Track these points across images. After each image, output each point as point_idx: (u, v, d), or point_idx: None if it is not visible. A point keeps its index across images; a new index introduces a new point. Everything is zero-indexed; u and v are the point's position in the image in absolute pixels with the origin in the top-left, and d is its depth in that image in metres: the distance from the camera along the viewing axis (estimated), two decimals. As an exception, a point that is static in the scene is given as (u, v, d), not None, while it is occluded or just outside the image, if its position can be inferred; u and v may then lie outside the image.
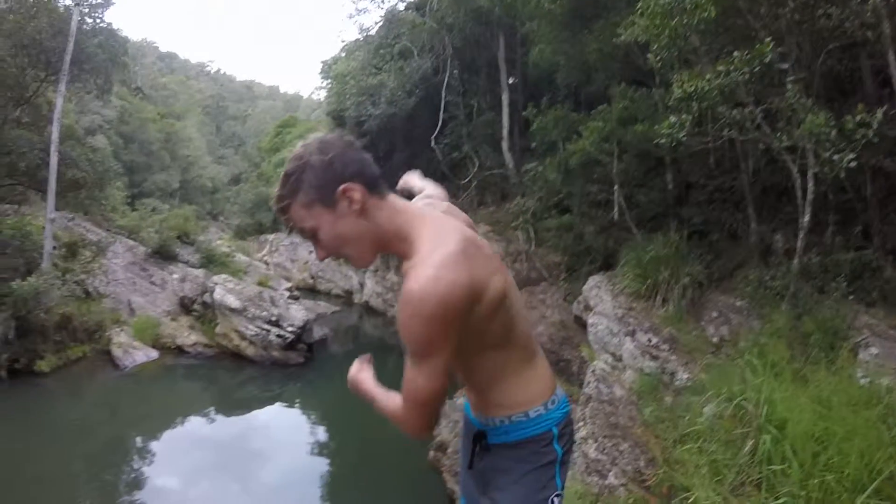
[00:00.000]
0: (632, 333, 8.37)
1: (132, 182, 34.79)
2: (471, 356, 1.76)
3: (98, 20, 19.43)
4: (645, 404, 6.89)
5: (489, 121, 18.76)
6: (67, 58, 17.56)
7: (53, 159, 17.48)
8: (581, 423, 6.56)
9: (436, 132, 19.31)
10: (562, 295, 12.18)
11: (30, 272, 15.97)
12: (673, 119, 7.63)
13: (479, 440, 1.91)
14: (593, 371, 7.70)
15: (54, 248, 18.38)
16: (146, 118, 40.42)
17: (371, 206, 1.63)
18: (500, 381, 1.81)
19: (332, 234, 1.65)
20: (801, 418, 4.78)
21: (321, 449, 12.00)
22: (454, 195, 18.03)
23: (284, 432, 12.91)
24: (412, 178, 2.42)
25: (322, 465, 11.34)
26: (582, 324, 10.13)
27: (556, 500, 1.81)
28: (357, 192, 1.60)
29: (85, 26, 18.66)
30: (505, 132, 17.61)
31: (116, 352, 16.22)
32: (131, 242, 22.86)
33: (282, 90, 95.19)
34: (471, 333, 1.63)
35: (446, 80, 19.37)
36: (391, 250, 1.69)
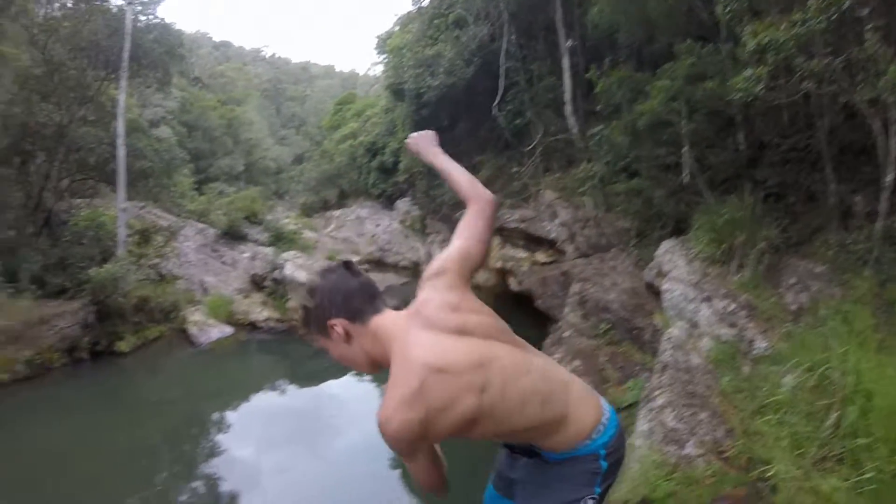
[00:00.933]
0: (708, 300, 8.18)
1: (198, 168, 35.78)
2: (496, 435, 2.10)
3: (151, 16, 20.13)
4: (722, 373, 6.74)
5: (550, 85, 18.40)
6: (125, 55, 18.37)
7: (121, 152, 18.45)
8: (658, 392, 6.50)
9: (497, 100, 19.08)
10: (633, 261, 11.97)
11: (106, 260, 17.05)
12: (748, 72, 7.34)
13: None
14: (669, 338, 7.59)
15: (128, 235, 19.33)
16: (207, 106, 41.33)
17: (355, 335, 2.04)
18: (539, 440, 2.08)
19: (335, 355, 2.13)
20: (888, 391, 4.61)
21: None
22: (519, 162, 17.91)
23: (356, 403, 13.13)
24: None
25: None
26: (654, 290, 9.95)
27: (590, 501, 2.03)
28: (339, 326, 2.02)
29: (139, 24, 19.37)
30: (567, 96, 17.27)
31: (192, 330, 17.30)
32: (201, 225, 23.71)
33: (337, 69, 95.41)
34: (460, 431, 1.94)
35: (504, 46, 19.07)
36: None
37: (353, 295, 2.06)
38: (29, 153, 18.14)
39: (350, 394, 13.78)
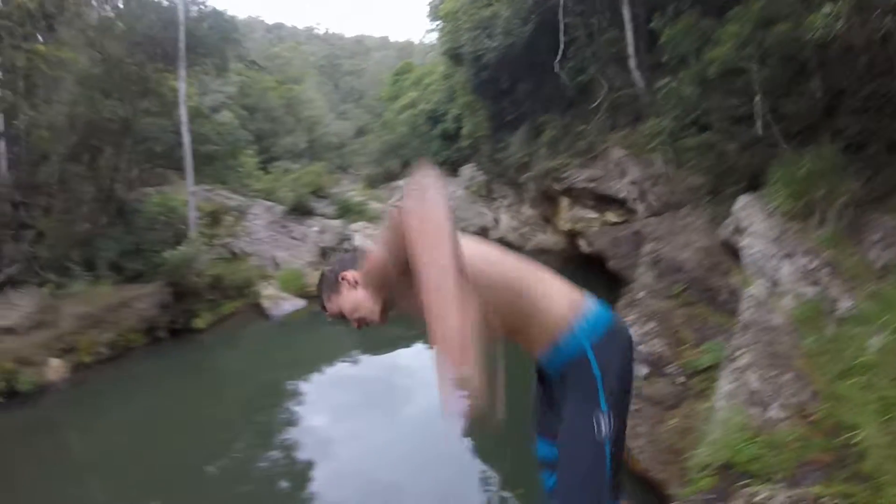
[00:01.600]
0: (788, 256, 7.92)
1: (262, 148, 36.38)
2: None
3: (202, 6, 20.88)
4: (806, 333, 6.54)
5: (612, 39, 17.86)
6: (181, 45, 19.09)
7: (186, 138, 19.26)
8: (740, 351, 6.40)
9: (558, 57, 18.69)
10: (706, 219, 11.61)
11: (179, 242, 17.78)
12: (827, 10, 7.01)
13: (542, 379, 2.42)
14: (750, 296, 7.43)
15: (198, 217, 20.13)
16: (265, 87, 41.84)
17: (361, 280, 2.25)
18: (524, 321, 2.17)
19: (349, 307, 2.30)
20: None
21: None
22: (585, 120, 17.62)
23: (429, 371, 13.32)
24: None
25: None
26: (730, 248, 9.70)
27: (600, 417, 2.01)
28: (349, 275, 2.28)
29: (191, 14, 20.10)
30: (630, 49, 16.80)
31: (266, 304, 18.07)
32: (269, 203, 24.41)
33: (392, 39, 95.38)
34: None
35: (561, 1, 18.65)
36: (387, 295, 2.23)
37: (356, 260, 2.32)
38: (97, 148, 18.87)
39: (423, 362, 13.93)
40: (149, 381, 14.41)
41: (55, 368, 14.36)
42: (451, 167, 31.14)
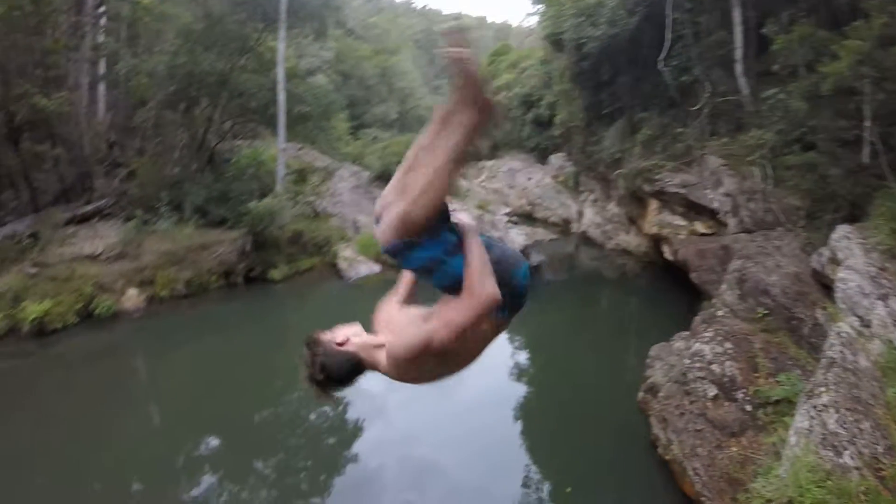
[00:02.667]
0: (884, 297, 7.61)
1: (353, 115, 37.06)
2: None
3: None
4: (890, 383, 6.35)
5: (720, 40, 17.23)
6: (283, 7, 19.81)
7: (281, 97, 19.99)
8: (822, 389, 6.23)
9: (663, 54, 18.19)
10: (799, 244, 11.24)
11: (264, 195, 18.65)
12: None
13: None
14: (838, 333, 7.21)
15: (286, 174, 20.91)
16: (361, 56, 42.54)
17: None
18: None
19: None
20: None
21: (524, 375, 12.45)
22: (684, 123, 17.21)
23: (493, 352, 13.35)
24: None
25: (522, 390, 11.82)
26: (821, 279, 9.37)
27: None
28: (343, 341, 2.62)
29: None
30: (738, 53, 16.23)
31: (342, 265, 18.68)
32: (355, 168, 25.01)
33: (489, 20, 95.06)
34: None
35: (670, -6, 18.13)
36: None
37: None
38: (194, 99, 19.79)
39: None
40: (218, 322, 15.23)
41: (132, 298, 15.30)
42: (540, 154, 30.99)
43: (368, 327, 2.81)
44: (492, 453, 9.48)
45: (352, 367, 2.58)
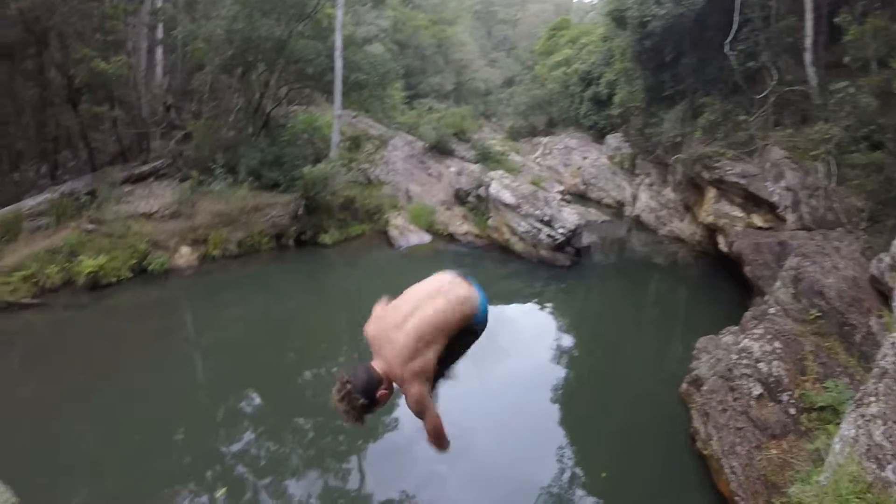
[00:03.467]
0: (945, 310, 7.49)
1: (409, 84, 37.17)
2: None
3: None
4: (945, 397, 6.23)
5: (790, 27, 16.60)
6: None
7: (338, 64, 20.20)
8: (872, 399, 6.17)
9: (730, 37, 17.69)
10: (860, 247, 10.90)
11: (318, 160, 19.11)
12: None
13: None
14: (893, 344, 7.09)
15: (340, 140, 21.16)
16: (418, 25, 42.41)
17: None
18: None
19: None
20: None
21: (565, 355, 12.46)
22: (747, 111, 16.83)
23: (536, 331, 13.69)
24: None
25: (562, 370, 11.83)
26: (878, 286, 9.13)
27: None
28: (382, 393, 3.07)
29: None
30: (808, 42, 15.66)
31: (393, 232, 19.12)
32: (410, 137, 25.18)
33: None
34: None
35: (739, -25, 17.56)
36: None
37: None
38: (250, 64, 20.07)
39: (532, 320, 14.28)
40: (268, 283, 15.71)
41: (184, 256, 15.90)
42: (597, 133, 30.70)
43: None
44: (526, 431, 9.59)
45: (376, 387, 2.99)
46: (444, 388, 9.27)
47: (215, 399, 9.93)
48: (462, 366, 10.08)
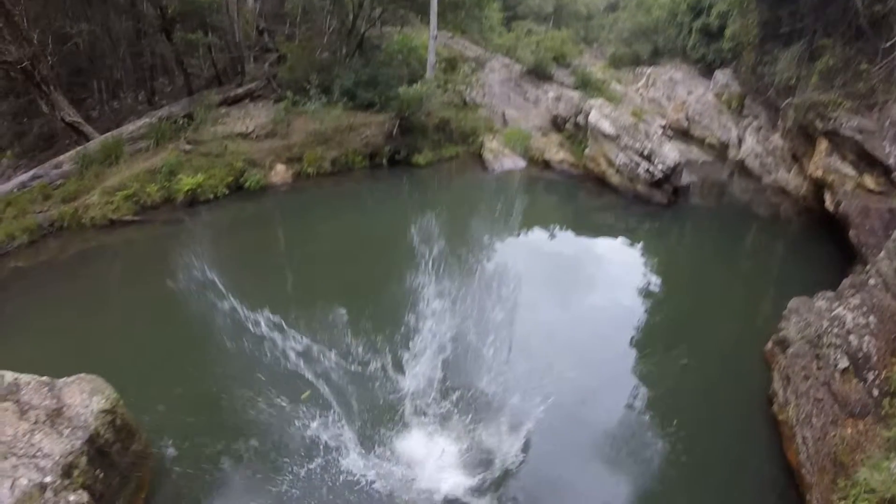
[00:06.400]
0: None
1: (507, 5, 36.54)
2: None
3: None
4: None
5: (927, -32, 15.66)
6: None
7: None
8: None
9: (856, -25, 16.79)
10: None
11: (413, 81, 19.51)
12: None
13: None
14: None
15: (436, 62, 21.43)
16: (518, -58, 41.23)
17: None
18: None
19: None
20: None
21: (652, 298, 12.71)
22: (871, 59, 16.08)
23: (623, 268, 14.02)
24: None
25: (647, 313, 12.08)
26: None
27: None
28: None
29: None
30: (946, -14, 14.78)
31: (487, 156, 19.70)
32: (507, 60, 25.24)
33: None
34: None
35: None
36: None
37: None
38: (346, -16, 20.21)
39: (620, 256, 14.61)
40: (360, 201, 16.63)
41: (279, 173, 16.90)
42: (705, 68, 29.73)
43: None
44: (603, 368, 10.05)
45: None
46: (530, 313, 9.63)
47: (303, 309, 10.50)
48: (549, 294, 10.53)
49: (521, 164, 19.42)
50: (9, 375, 7.02)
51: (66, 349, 9.87)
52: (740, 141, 23.45)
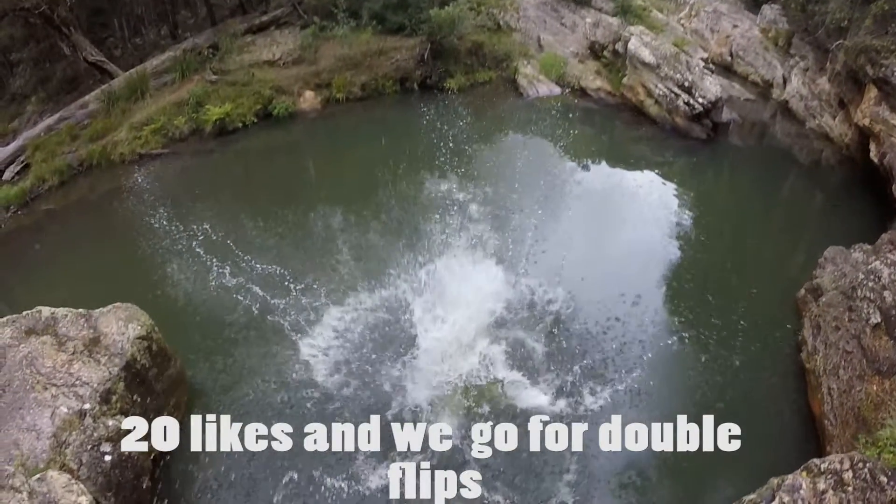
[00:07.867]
0: None
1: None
2: None
3: None
4: None
5: None
6: None
7: None
8: None
9: None
10: None
11: (445, 3, 19.12)
12: None
13: None
14: None
15: None
16: None
17: None
18: None
19: None
20: None
21: (686, 237, 12.78)
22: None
23: (657, 204, 14.03)
24: None
25: (680, 251, 12.22)
26: None
27: None
28: None
29: None
30: None
31: (521, 81, 19.48)
32: (543, -17, 24.46)
33: None
34: None
35: None
36: None
37: None
38: None
39: (656, 192, 14.58)
40: (390, 126, 16.86)
41: (308, 100, 16.97)
42: (752, 0, 28.99)
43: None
44: (628, 301, 10.27)
45: None
46: (563, 246, 9.84)
47: (329, 237, 10.94)
48: (582, 227, 10.72)
49: (556, 90, 19.20)
50: (45, 311, 7.54)
51: (101, 284, 10.47)
52: (785, 81, 22.94)
